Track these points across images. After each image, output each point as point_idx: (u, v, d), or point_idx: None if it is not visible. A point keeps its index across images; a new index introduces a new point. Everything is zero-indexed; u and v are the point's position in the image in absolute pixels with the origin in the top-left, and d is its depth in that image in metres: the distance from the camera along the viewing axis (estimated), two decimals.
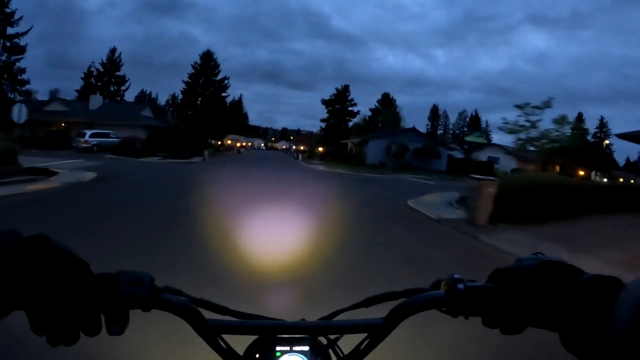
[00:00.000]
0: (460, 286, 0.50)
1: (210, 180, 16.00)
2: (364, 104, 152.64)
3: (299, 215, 7.42)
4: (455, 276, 0.51)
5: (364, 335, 0.55)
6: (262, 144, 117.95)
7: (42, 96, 42.94)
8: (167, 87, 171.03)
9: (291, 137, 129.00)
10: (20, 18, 36.53)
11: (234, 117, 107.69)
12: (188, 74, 51.19)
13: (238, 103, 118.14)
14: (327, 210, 9.21)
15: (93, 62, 55.87)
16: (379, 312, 0.57)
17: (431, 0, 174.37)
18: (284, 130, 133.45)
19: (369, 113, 58.16)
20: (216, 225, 6.49)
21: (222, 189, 12.61)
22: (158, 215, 7.59)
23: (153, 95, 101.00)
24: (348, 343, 0.58)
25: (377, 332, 0.54)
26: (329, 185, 17.87)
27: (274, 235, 5.85)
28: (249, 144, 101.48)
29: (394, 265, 5.39)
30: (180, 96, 51.13)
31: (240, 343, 0.56)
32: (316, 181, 20.09)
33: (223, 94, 52.06)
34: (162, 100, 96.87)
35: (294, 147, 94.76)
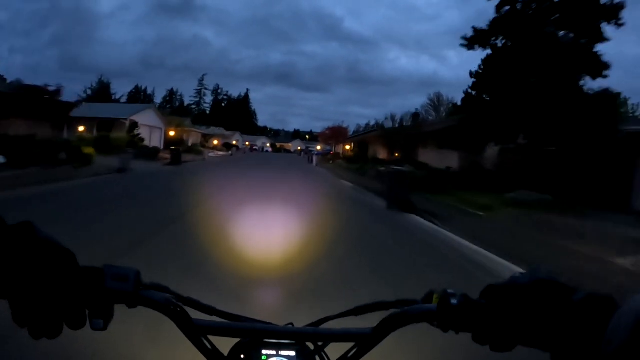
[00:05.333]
0: (453, 301, 0.49)
1: None
2: (377, 107, 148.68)
3: None
4: (449, 291, 0.50)
5: (352, 343, 0.54)
6: (268, 144, 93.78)
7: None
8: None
9: (306, 137, 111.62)
10: None
11: (239, 114, 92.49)
12: None
13: (244, 99, 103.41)
14: None
15: None
16: (368, 321, 0.57)
17: (444, 0, 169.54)
18: (296, 132, 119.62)
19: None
20: None
21: None
22: None
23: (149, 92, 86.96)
24: (335, 350, 0.56)
25: (365, 341, 0.53)
26: None
27: None
28: (246, 143, 77.49)
29: None
30: None
31: (225, 342, 0.55)
32: None
33: None
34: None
35: (318, 147, 64.50)
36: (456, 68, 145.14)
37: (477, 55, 28.68)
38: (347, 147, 39.80)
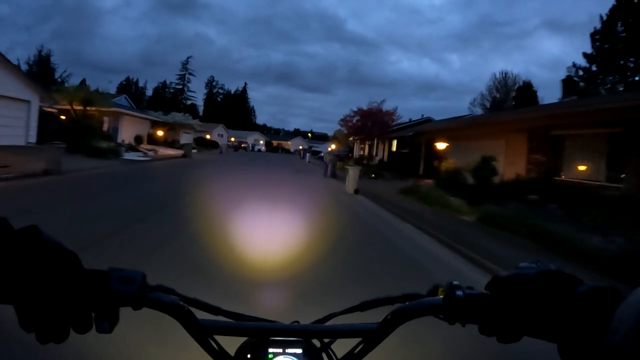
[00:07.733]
0: (459, 293, 0.49)
1: None
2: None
3: None
4: (454, 283, 0.50)
5: (358, 339, 0.54)
6: (262, 142, 78.24)
7: None
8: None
9: (308, 135, 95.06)
10: None
11: (236, 110, 76.49)
12: None
13: (242, 95, 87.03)
14: None
15: None
16: (374, 316, 0.56)
17: (447, 5, 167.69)
18: (297, 131, 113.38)
19: None
20: None
21: None
22: None
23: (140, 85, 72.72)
24: (342, 347, 0.56)
25: (371, 337, 0.53)
26: None
27: None
28: (231, 139, 63.85)
29: None
30: None
31: (232, 343, 0.55)
32: None
33: None
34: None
35: (332, 146, 47.17)
36: (457, 72, 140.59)
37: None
38: (442, 145, 16.58)
